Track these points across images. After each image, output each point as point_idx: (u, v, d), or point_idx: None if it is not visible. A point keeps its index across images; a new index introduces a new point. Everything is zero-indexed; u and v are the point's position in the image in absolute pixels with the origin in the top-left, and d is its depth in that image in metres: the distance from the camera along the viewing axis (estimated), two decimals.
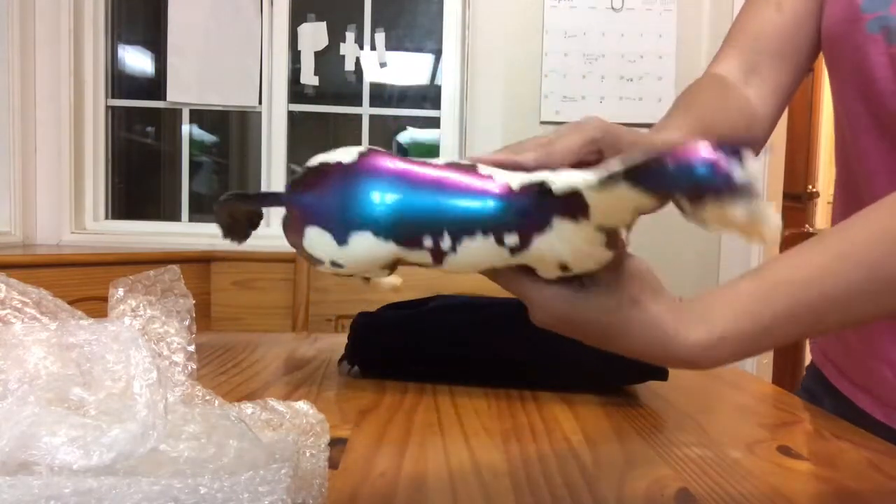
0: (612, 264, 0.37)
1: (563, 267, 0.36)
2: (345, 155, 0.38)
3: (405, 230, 0.37)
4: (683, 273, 2.10)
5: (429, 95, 2.29)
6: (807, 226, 2.70)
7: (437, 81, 2.27)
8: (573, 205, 0.34)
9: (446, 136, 2.22)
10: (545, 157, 0.41)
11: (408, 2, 2.29)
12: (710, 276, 2.16)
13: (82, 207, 2.17)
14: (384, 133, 2.33)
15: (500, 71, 2.12)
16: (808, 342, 0.81)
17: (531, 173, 0.37)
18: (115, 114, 2.26)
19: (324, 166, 0.39)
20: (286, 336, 0.97)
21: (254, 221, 0.45)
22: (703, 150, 0.30)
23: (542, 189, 0.35)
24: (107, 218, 2.24)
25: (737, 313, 0.38)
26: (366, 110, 2.28)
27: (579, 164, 0.43)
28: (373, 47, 2.25)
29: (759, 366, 2.23)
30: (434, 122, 2.27)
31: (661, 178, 0.31)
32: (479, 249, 0.37)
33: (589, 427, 0.57)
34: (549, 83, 2.12)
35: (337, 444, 0.50)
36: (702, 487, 0.45)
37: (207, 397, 0.42)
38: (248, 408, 0.43)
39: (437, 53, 2.26)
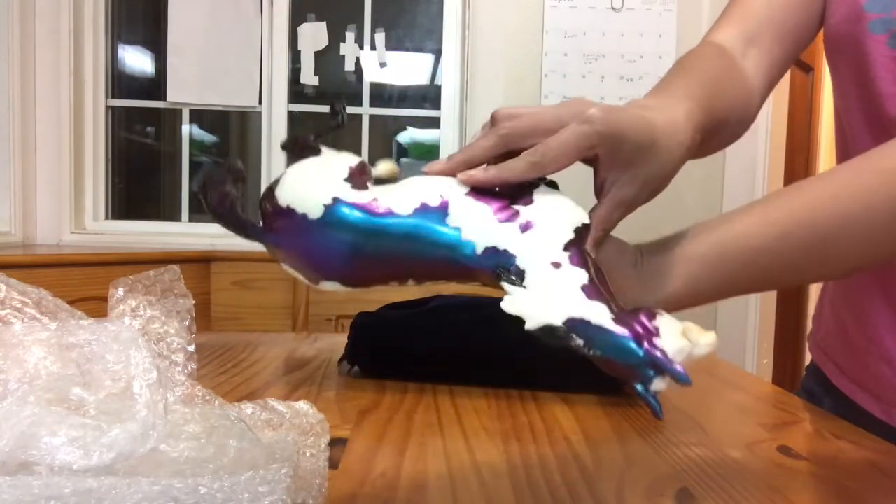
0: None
1: None
2: (310, 205, 0.39)
3: (371, 280, 0.40)
4: None
5: (429, 95, 2.30)
6: None
7: (437, 81, 2.27)
8: (516, 319, 0.36)
9: (446, 136, 2.22)
10: (538, 170, 0.40)
11: (408, 2, 2.29)
12: None
13: (82, 207, 2.17)
14: (384, 133, 2.33)
15: (500, 71, 2.12)
16: (807, 342, 0.81)
17: (502, 225, 0.38)
18: (115, 114, 2.26)
19: (290, 212, 0.40)
20: (286, 336, 0.97)
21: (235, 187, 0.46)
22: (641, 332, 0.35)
23: (500, 282, 0.38)
24: (107, 218, 2.24)
25: (692, 277, 0.43)
26: (366, 110, 2.28)
27: None
28: (373, 47, 2.25)
29: (759, 366, 2.24)
30: (434, 122, 2.27)
31: (601, 350, 0.35)
32: (443, 282, 0.40)
33: (589, 427, 0.57)
34: (549, 83, 2.12)
35: (337, 444, 0.50)
36: (702, 487, 0.45)
37: (207, 397, 0.42)
38: (248, 408, 0.43)
39: (437, 53, 2.26)
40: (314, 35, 2.24)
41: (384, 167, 0.44)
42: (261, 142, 2.24)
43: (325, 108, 2.43)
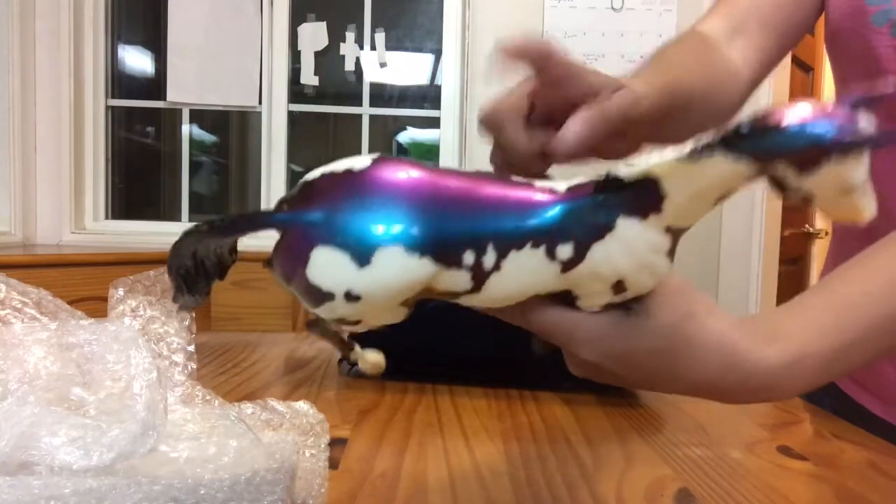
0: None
1: (618, 286, 0.31)
2: (354, 162, 0.31)
3: (444, 243, 0.30)
4: (683, 275, 2.09)
5: (429, 95, 2.29)
6: (807, 226, 2.70)
7: (437, 81, 2.27)
8: (644, 197, 0.29)
9: (446, 136, 2.22)
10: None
11: (408, 2, 2.28)
12: (710, 278, 2.16)
13: (82, 207, 2.17)
14: (384, 133, 2.33)
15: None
16: None
17: (577, 177, 0.31)
18: (115, 114, 2.26)
19: (330, 176, 0.31)
20: (286, 336, 0.97)
21: (224, 266, 0.36)
22: (822, 106, 0.26)
23: (606, 181, 0.30)
24: (107, 218, 2.24)
25: (817, 328, 0.33)
26: (366, 110, 2.28)
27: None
28: (373, 47, 2.25)
29: None
30: (434, 122, 2.27)
31: (772, 140, 0.26)
32: (526, 266, 0.30)
33: (589, 427, 0.57)
34: None
35: (337, 444, 0.50)
36: (702, 487, 0.45)
37: (207, 397, 0.42)
38: (248, 408, 0.43)
39: (437, 53, 2.26)
40: (314, 35, 2.24)
41: (372, 360, 0.38)
42: (261, 142, 2.24)
43: (325, 109, 2.41)
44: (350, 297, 0.30)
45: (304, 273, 0.30)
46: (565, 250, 0.30)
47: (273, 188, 2.24)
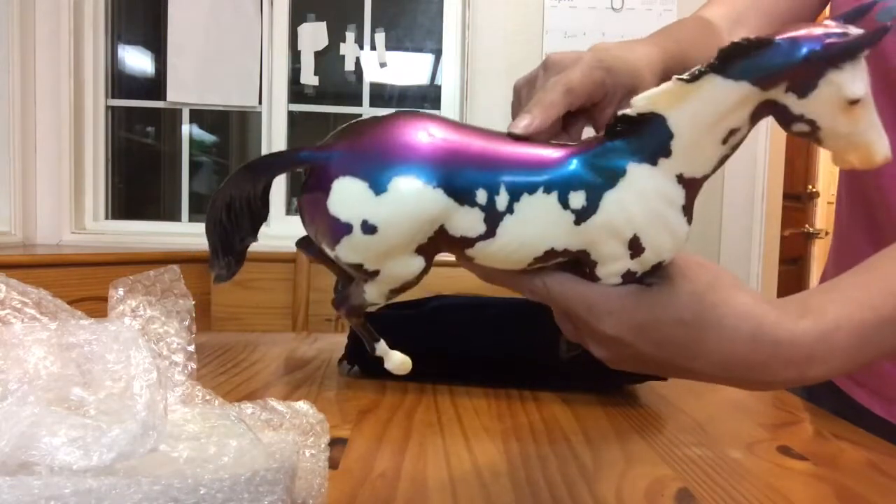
0: (676, 259, 0.32)
1: (635, 244, 0.31)
2: (380, 113, 0.33)
3: (457, 177, 0.31)
4: None
5: (429, 95, 2.29)
6: (807, 226, 2.70)
7: (437, 81, 2.26)
8: (653, 135, 0.30)
9: None
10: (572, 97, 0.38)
11: (408, 2, 2.28)
12: None
13: (82, 207, 2.17)
14: None
15: (500, 71, 2.12)
16: None
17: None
18: (115, 114, 2.25)
19: (355, 123, 0.33)
20: (286, 336, 0.97)
21: (257, 218, 0.37)
22: (813, 26, 0.27)
23: (614, 121, 0.31)
24: (107, 218, 2.24)
25: (851, 302, 0.32)
26: (366, 110, 2.28)
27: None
28: (373, 47, 2.25)
29: None
30: None
31: (766, 60, 0.27)
32: (539, 212, 0.31)
33: (589, 427, 0.57)
34: None
35: (337, 444, 0.50)
36: (702, 487, 0.45)
37: (207, 397, 0.42)
38: (248, 408, 0.43)
39: (437, 53, 2.25)
40: (314, 35, 2.24)
41: (399, 360, 0.37)
42: (261, 142, 2.24)
43: (325, 109, 2.41)
44: (366, 227, 0.31)
45: (326, 205, 0.31)
46: (578, 198, 0.31)
47: (273, 188, 2.24)
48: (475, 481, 0.45)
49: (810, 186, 2.75)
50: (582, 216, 0.31)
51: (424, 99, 2.30)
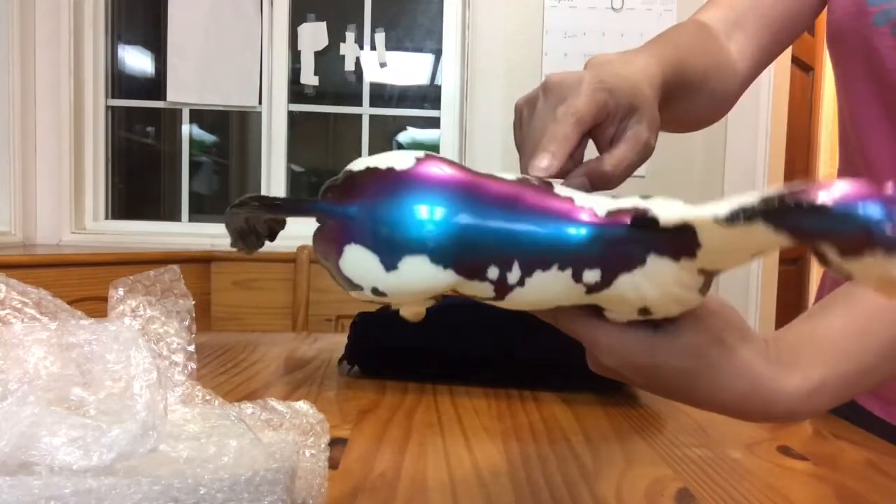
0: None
1: (644, 311, 0.31)
2: (398, 160, 0.32)
3: (469, 257, 0.30)
4: None
5: (429, 95, 2.29)
6: None
7: (437, 81, 2.27)
8: (680, 242, 0.28)
9: (446, 136, 2.22)
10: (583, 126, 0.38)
11: (408, 2, 2.28)
12: None
13: (82, 207, 2.17)
14: (384, 133, 2.33)
15: (500, 71, 2.12)
16: None
17: (619, 198, 0.31)
18: (115, 114, 2.26)
19: (372, 172, 0.32)
20: (286, 336, 0.97)
21: (274, 231, 0.38)
22: (872, 192, 0.23)
23: (642, 219, 0.29)
24: (107, 218, 2.24)
25: (835, 354, 0.33)
26: (366, 110, 2.28)
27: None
28: (373, 47, 2.25)
29: None
30: (434, 122, 2.27)
31: (815, 222, 0.24)
32: (550, 285, 0.31)
33: (589, 427, 0.57)
34: None
35: (337, 444, 0.50)
36: (702, 487, 0.45)
37: (207, 397, 0.42)
38: (248, 408, 0.43)
39: (437, 53, 2.26)
40: (314, 35, 2.24)
41: (414, 310, 0.36)
42: (261, 142, 2.24)
43: (326, 109, 2.41)
44: (377, 292, 0.31)
45: (338, 263, 0.31)
46: (592, 275, 0.30)
47: (273, 188, 2.24)
48: (475, 481, 0.45)
49: None
50: (594, 289, 0.30)
51: (424, 99, 2.30)
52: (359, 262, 0.31)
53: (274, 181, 2.25)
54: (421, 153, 0.32)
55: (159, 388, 0.32)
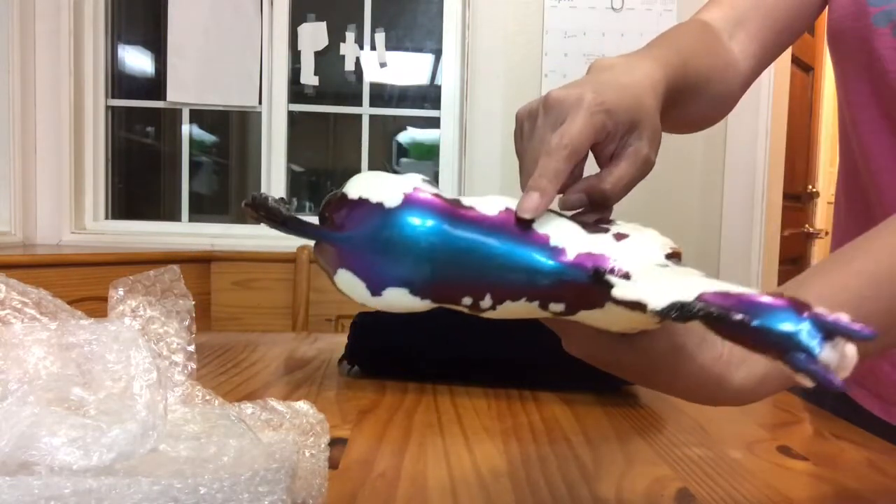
0: None
1: (606, 328, 0.35)
2: (388, 195, 0.35)
3: (444, 292, 0.35)
4: None
5: (429, 95, 2.29)
6: (807, 226, 2.70)
7: (437, 81, 2.26)
8: (633, 306, 0.30)
9: (446, 136, 2.22)
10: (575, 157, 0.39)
11: (408, 2, 2.28)
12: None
13: (82, 207, 2.17)
14: (384, 133, 2.33)
15: (500, 71, 2.12)
16: None
17: (596, 234, 0.35)
18: (115, 114, 2.26)
19: (363, 203, 0.35)
20: (286, 336, 0.97)
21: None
22: (799, 308, 0.25)
23: (601, 279, 0.32)
24: (107, 218, 2.24)
25: (857, 297, 0.35)
26: (366, 110, 2.28)
27: None
28: (373, 47, 2.25)
29: None
30: (434, 122, 2.27)
31: (746, 335, 0.26)
32: (520, 311, 0.35)
33: (589, 427, 0.57)
34: (549, 83, 2.12)
35: (337, 444, 0.50)
36: (702, 487, 0.45)
37: (207, 397, 0.42)
38: (248, 408, 0.43)
39: (437, 53, 2.26)
40: (314, 35, 2.24)
41: None
42: (261, 142, 2.24)
43: (326, 109, 2.41)
44: (367, 306, 0.36)
45: (333, 278, 0.36)
46: (557, 307, 0.34)
47: (273, 188, 2.24)
48: (475, 481, 0.45)
49: (810, 186, 2.75)
50: (560, 314, 0.34)
51: (424, 99, 2.30)
52: (349, 284, 0.35)
53: (274, 181, 2.25)
54: (410, 187, 0.35)
55: (159, 388, 0.32)
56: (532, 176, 0.37)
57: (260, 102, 2.22)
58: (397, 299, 0.35)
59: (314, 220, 0.38)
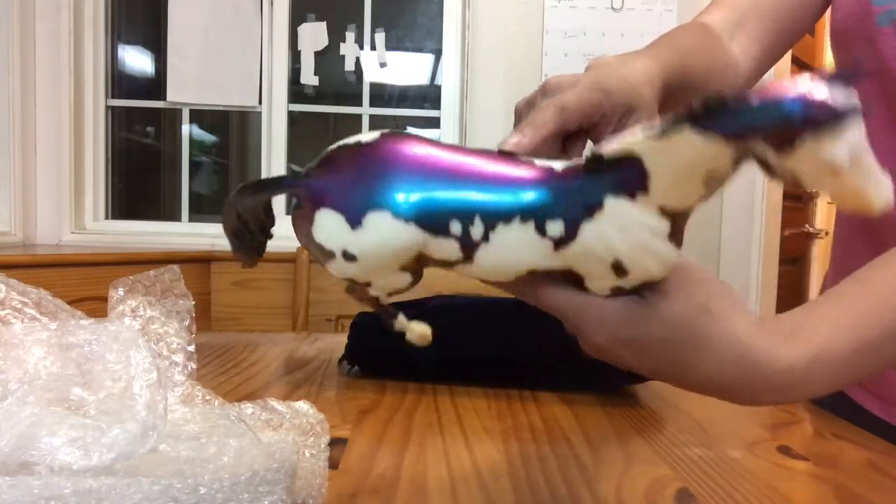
0: (674, 271, 0.31)
1: (618, 268, 0.31)
2: (366, 136, 0.34)
3: (430, 211, 0.32)
4: None
5: (429, 95, 2.29)
6: (807, 226, 2.70)
7: (437, 81, 2.26)
8: (629, 174, 0.29)
9: (446, 136, 2.22)
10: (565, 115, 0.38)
11: (408, 2, 2.28)
12: None
13: (82, 207, 2.17)
14: None
15: (500, 71, 2.12)
16: None
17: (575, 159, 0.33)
18: (115, 114, 2.25)
19: (342, 148, 0.35)
20: (286, 336, 0.97)
21: (265, 226, 0.40)
22: (795, 83, 0.24)
23: (590, 160, 0.30)
24: (107, 218, 2.24)
25: (836, 327, 0.31)
26: (366, 110, 2.28)
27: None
28: (373, 47, 2.25)
29: None
30: (434, 122, 2.27)
31: (739, 118, 0.25)
32: (516, 240, 0.31)
33: (589, 427, 0.57)
34: None
35: (337, 444, 0.50)
36: (702, 487, 0.45)
37: (207, 397, 0.42)
38: (248, 408, 0.43)
39: (437, 53, 2.25)
40: (314, 35, 2.24)
41: (418, 331, 0.37)
42: (261, 142, 2.24)
43: (325, 109, 2.41)
44: (347, 256, 0.33)
45: (311, 232, 0.33)
46: (555, 227, 0.31)
47: None
48: (475, 481, 0.45)
49: None
50: (560, 243, 0.31)
51: (424, 99, 2.30)
52: (327, 224, 0.33)
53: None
54: (387, 130, 0.34)
55: (159, 388, 0.32)
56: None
57: (260, 102, 2.22)
58: (380, 225, 0.32)
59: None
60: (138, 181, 2.33)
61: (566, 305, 0.32)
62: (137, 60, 2.33)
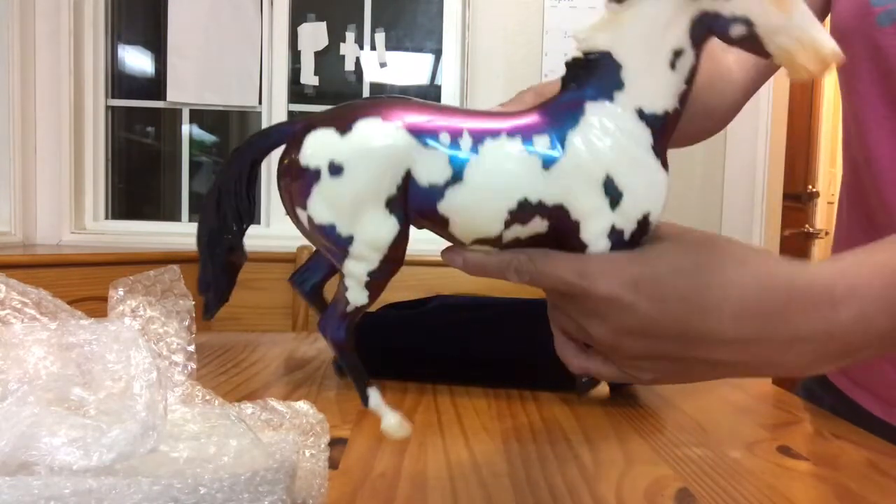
0: (669, 227, 0.32)
1: (610, 187, 0.31)
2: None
3: (419, 121, 0.33)
4: None
5: (429, 95, 2.29)
6: (807, 226, 2.70)
7: (437, 81, 2.26)
8: (604, 73, 0.32)
9: None
10: None
11: (408, 2, 2.28)
12: None
13: (82, 207, 2.17)
14: None
15: (500, 71, 2.12)
16: None
17: None
18: (115, 114, 2.25)
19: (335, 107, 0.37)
20: (286, 336, 0.97)
21: (242, 215, 0.40)
22: None
23: (569, 64, 0.33)
24: (107, 218, 2.24)
25: (872, 267, 0.28)
26: None
27: None
28: (373, 47, 2.25)
29: None
30: None
31: None
32: (504, 156, 0.32)
33: (589, 427, 0.57)
34: None
35: (337, 444, 0.50)
36: (702, 487, 0.45)
37: (207, 397, 0.42)
38: (248, 408, 0.43)
39: (437, 53, 2.25)
40: (314, 35, 2.24)
41: (395, 424, 0.38)
42: None
43: (326, 109, 2.44)
44: (333, 168, 0.33)
45: (298, 159, 0.34)
46: (542, 141, 0.32)
47: (273, 188, 2.24)
48: (475, 481, 0.45)
49: (810, 186, 2.75)
50: (548, 159, 0.32)
51: (425, 99, 2.30)
52: (317, 140, 0.34)
53: (274, 181, 2.25)
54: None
55: (159, 388, 0.32)
56: None
57: (260, 102, 2.22)
58: (369, 127, 0.33)
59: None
60: (138, 181, 2.33)
61: (564, 265, 0.31)
62: (137, 60, 2.33)
